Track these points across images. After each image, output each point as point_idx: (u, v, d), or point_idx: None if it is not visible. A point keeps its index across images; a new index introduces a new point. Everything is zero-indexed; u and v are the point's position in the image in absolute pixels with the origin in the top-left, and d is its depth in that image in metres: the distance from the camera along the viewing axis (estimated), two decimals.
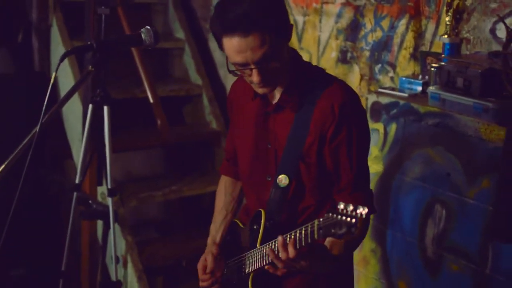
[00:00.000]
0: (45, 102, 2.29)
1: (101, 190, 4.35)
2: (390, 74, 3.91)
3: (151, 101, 4.35)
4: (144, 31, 2.55)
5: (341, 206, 1.94)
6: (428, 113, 3.32)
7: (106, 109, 3.71)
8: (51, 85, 2.32)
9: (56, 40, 4.91)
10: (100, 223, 4.00)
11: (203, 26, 5.46)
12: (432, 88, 3.33)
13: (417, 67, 3.77)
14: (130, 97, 4.91)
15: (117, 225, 3.95)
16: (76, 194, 3.84)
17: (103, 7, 3.87)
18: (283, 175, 2.43)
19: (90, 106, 3.78)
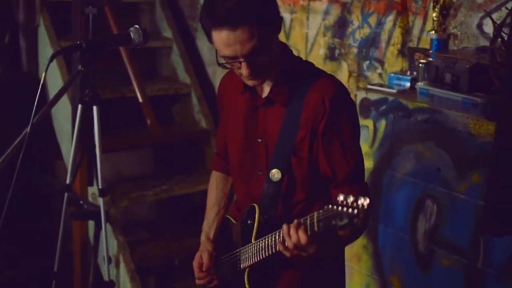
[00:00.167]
0: (35, 103, 2.28)
1: (91, 191, 4.34)
2: (378, 71, 3.92)
3: (140, 100, 4.35)
4: (133, 30, 2.55)
5: (341, 197, 1.95)
6: (417, 108, 3.33)
7: (95, 109, 3.69)
8: (41, 85, 2.32)
9: (43, 40, 4.89)
10: (92, 224, 3.99)
11: (190, 25, 5.45)
12: (421, 84, 3.34)
13: (405, 63, 3.78)
14: (119, 96, 4.89)
15: (108, 225, 3.94)
16: (67, 194, 3.83)
17: (90, 6, 3.86)
18: (275, 170, 2.43)
19: (79, 106, 3.76)
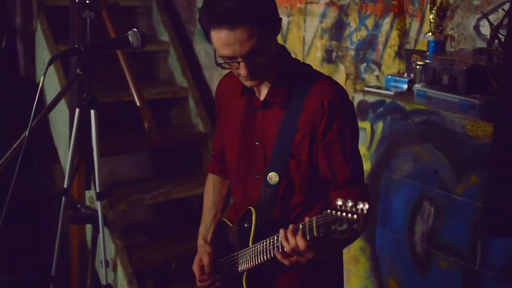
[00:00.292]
0: (34, 106, 2.29)
1: (89, 194, 4.33)
2: (376, 73, 3.92)
3: (138, 104, 4.34)
4: (132, 34, 2.56)
5: (339, 202, 1.94)
6: (415, 110, 3.33)
7: (93, 113, 3.68)
8: (40, 88, 2.32)
9: (41, 44, 4.90)
10: (89, 227, 3.99)
11: (187, 28, 5.46)
12: (418, 85, 3.35)
13: (402, 65, 3.79)
14: (116, 100, 4.89)
15: (106, 229, 3.94)
16: (64, 198, 3.82)
17: (88, 10, 3.86)
18: (273, 173, 2.43)
19: (77, 110, 3.76)
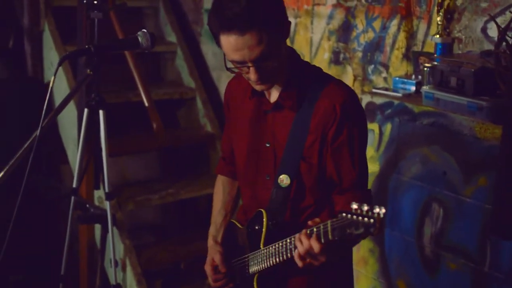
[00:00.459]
0: (44, 106, 2.30)
1: (98, 194, 4.35)
2: (383, 75, 3.92)
3: (146, 104, 4.35)
4: (141, 35, 2.56)
5: (355, 205, 1.94)
6: (423, 112, 3.34)
7: (101, 113, 3.71)
8: (50, 88, 2.33)
9: (48, 45, 4.91)
10: (98, 227, 4.00)
11: (194, 29, 5.46)
12: (426, 87, 3.35)
13: (409, 67, 3.79)
14: (124, 101, 4.90)
15: (115, 228, 3.95)
16: (73, 198, 3.84)
17: (96, 11, 3.87)
18: (284, 175, 2.43)
19: (85, 111, 3.78)
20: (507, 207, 2.69)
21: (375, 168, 3.58)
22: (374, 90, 3.71)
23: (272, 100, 2.48)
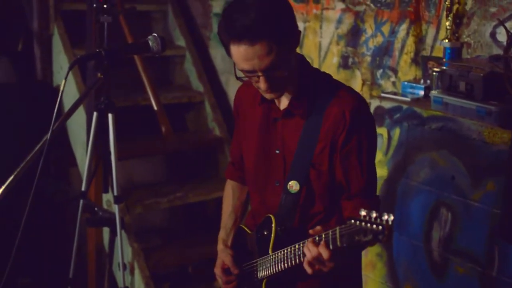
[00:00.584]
0: (55, 110, 2.30)
1: (106, 198, 4.36)
2: (392, 79, 3.93)
3: (155, 108, 4.36)
4: (152, 39, 2.58)
5: (363, 212, 1.94)
6: (431, 117, 3.34)
7: (110, 116, 3.72)
8: (61, 92, 2.35)
9: (57, 48, 4.93)
10: (106, 230, 4.01)
11: (203, 33, 5.47)
12: (435, 92, 3.35)
13: (418, 71, 3.80)
14: (132, 104, 4.91)
15: (123, 232, 3.96)
16: (82, 201, 3.85)
17: (105, 15, 3.88)
18: (293, 181, 2.43)
19: (94, 114, 3.79)
20: None
21: (383, 172, 3.58)
22: (383, 95, 3.71)
23: (282, 107, 2.48)
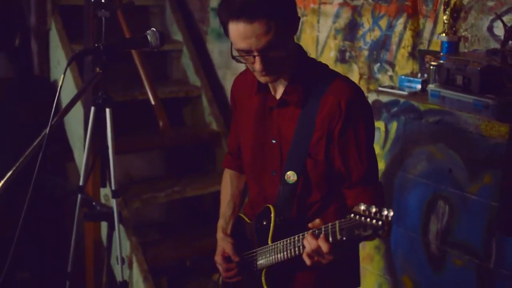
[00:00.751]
0: (54, 104, 2.30)
1: (104, 192, 4.37)
2: (389, 73, 3.94)
3: (152, 103, 4.36)
4: (150, 33, 2.57)
5: (363, 207, 1.96)
6: (429, 110, 3.35)
7: (108, 111, 3.72)
8: (60, 86, 2.35)
9: (55, 43, 4.93)
10: (104, 225, 4.02)
11: (200, 28, 5.48)
12: (432, 86, 3.36)
13: (415, 65, 3.80)
14: (130, 99, 4.91)
15: (121, 226, 3.97)
16: (80, 196, 3.86)
17: (103, 10, 3.88)
18: (291, 172, 2.44)
19: (92, 109, 3.79)
20: None
21: (381, 165, 3.57)
22: (380, 89, 3.71)
23: (278, 96, 2.49)
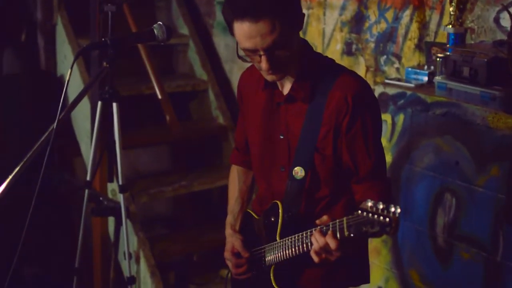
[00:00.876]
0: (61, 99, 2.30)
1: (111, 187, 4.36)
2: (396, 65, 3.92)
3: (159, 97, 4.36)
4: (157, 27, 2.56)
5: (370, 203, 1.95)
6: (435, 102, 3.34)
7: (115, 105, 3.72)
8: (67, 81, 2.35)
9: (61, 38, 4.93)
10: (112, 220, 4.02)
11: (206, 22, 5.47)
12: (439, 78, 3.34)
13: (422, 57, 3.79)
14: (136, 94, 4.91)
15: (128, 221, 3.97)
16: (87, 191, 3.86)
17: (109, 4, 3.88)
18: (298, 167, 2.43)
19: (99, 103, 3.79)
20: None
21: (387, 158, 3.55)
22: (387, 81, 3.71)
23: (285, 91, 2.48)
